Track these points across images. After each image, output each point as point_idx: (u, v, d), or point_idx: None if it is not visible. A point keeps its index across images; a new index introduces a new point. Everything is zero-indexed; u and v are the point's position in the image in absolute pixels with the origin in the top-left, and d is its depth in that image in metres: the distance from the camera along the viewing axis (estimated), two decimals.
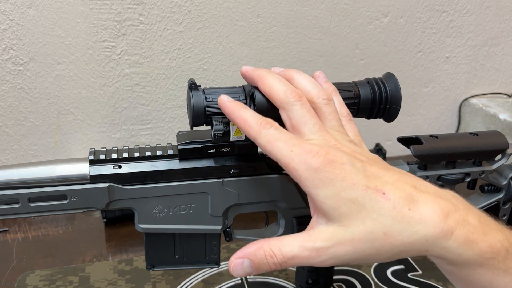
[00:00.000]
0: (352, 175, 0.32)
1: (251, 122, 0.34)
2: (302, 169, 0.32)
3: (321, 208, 0.32)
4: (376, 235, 0.31)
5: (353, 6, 0.87)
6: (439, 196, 0.32)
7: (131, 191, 0.41)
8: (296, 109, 0.35)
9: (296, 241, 0.33)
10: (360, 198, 0.31)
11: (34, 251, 0.67)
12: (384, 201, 0.31)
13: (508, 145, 0.52)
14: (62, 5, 0.74)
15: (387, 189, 0.32)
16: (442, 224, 0.31)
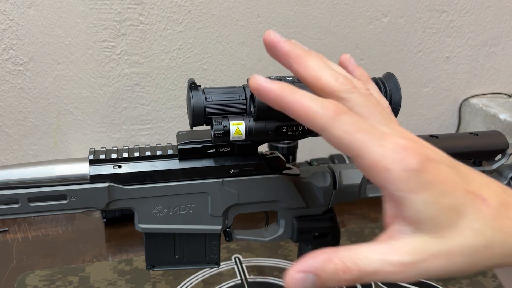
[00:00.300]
0: (450, 177, 0.27)
1: (316, 107, 0.27)
2: (398, 169, 0.26)
3: (413, 216, 0.27)
4: (475, 248, 0.27)
5: (353, 6, 0.87)
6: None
7: (131, 191, 0.41)
8: (355, 97, 0.29)
9: (375, 254, 0.27)
10: (460, 206, 0.27)
11: (34, 251, 0.67)
12: (486, 209, 0.27)
13: (508, 145, 0.52)
14: (62, 5, 0.74)
15: (486, 194, 0.27)
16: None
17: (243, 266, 0.64)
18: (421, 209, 0.26)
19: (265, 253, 0.66)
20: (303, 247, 0.51)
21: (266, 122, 0.39)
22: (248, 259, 0.65)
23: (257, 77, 0.29)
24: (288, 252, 0.66)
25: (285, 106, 0.28)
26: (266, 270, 0.63)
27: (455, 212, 0.27)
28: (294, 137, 0.41)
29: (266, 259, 0.65)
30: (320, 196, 0.47)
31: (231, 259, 0.65)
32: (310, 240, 0.49)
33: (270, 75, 0.41)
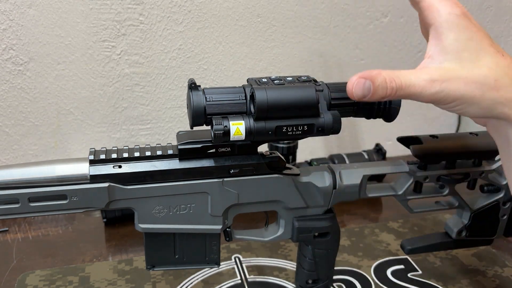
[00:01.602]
0: (481, 33, 0.37)
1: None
2: (445, 12, 0.36)
3: (446, 48, 0.37)
4: (488, 79, 0.35)
5: (353, 6, 0.87)
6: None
7: (131, 191, 0.41)
8: None
9: (412, 74, 0.36)
10: (483, 50, 0.36)
11: (34, 251, 0.67)
12: (502, 59, 0.36)
13: None
14: (62, 5, 0.74)
15: (506, 54, 0.37)
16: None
17: (243, 266, 0.64)
18: (452, 43, 0.36)
19: (265, 253, 0.66)
20: (303, 247, 0.51)
21: (266, 122, 0.39)
22: (248, 259, 0.65)
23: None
24: (288, 252, 0.66)
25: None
26: (266, 270, 0.63)
27: (478, 53, 0.36)
28: (294, 137, 0.41)
29: (266, 259, 0.65)
30: (320, 196, 0.47)
31: (231, 259, 0.65)
32: (310, 240, 0.49)
33: (270, 75, 0.42)
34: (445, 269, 0.63)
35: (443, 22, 0.37)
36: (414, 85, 0.36)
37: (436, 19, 0.37)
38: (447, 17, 0.36)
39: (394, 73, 0.36)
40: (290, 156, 0.75)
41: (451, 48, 0.36)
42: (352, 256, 0.66)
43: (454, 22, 0.36)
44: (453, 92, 0.35)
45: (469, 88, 0.35)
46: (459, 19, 0.36)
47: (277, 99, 0.38)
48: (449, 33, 0.36)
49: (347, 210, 0.78)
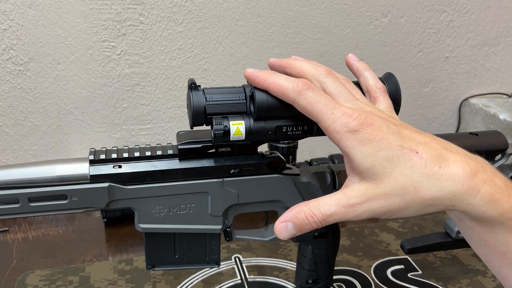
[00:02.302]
0: (388, 136, 0.34)
1: (287, 85, 0.36)
2: (343, 131, 0.34)
3: (357, 168, 0.35)
4: (407, 190, 0.34)
5: (353, 6, 0.87)
6: (468, 157, 0.35)
7: (131, 191, 0.41)
8: (329, 80, 0.38)
9: (332, 200, 0.36)
10: (395, 157, 0.34)
11: (34, 251, 0.67)
12: (417, 160, 0.33)
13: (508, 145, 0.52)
14: (62, 5, 0.74)
15: (420, 149, 0.34)
16: (470, 182, 0.33)
17: (243, 266, 0.64)
18: (361, 161, 0.34)
19: (265, 253, 0.66)
20: (303, 247, 0.51)
21: (266, 122, 0.39)
22: (248, 259, 0.65)
23: (249, 69, 0.39)
24: (288, 252, 0.66)
25: (267, 86, 0.37)
26: (266, 270, 0.63)
27: (390, 162, 0.34)
28: (294, 137, 0.41)
29: (266, 259, 0.65)
30: (320, 196, 0.47)
31: (231, 259, 0.65)
32: (310, 240, 0.49)
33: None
34: (445, 269, 0.63)
35: (345, 142, 0.34)
36: (336, 213, 0.35)
37: (337, 139, 0.35)
38: (346, 136, 0.34)
39: (314, 205, 0.36)
40: (290, 156, 0.75)
41: (362, 167, 0.34)
42: (352, 256, 0.66)
43: (355, 138, 0.34)
44: (376, 210, 0.35)
45: (391, 202, 0.34)
46: (359, 133, 0.34)
47: (277, 99, 0.38)
48: (354, 151, 0.34)
49: None
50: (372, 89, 0.41)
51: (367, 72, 0.42)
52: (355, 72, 0.43)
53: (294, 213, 0.36)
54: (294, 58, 0.41)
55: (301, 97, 0.35)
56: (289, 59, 0.40)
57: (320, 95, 0.35)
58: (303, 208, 0.36)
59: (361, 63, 0.43)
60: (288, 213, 0.37)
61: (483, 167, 0.34)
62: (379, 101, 0.40)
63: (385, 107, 0.40)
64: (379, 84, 0.41)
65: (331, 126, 0.34)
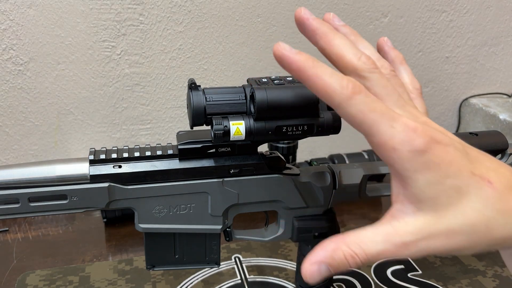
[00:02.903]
0: (457, 159, 0.28)
1: (334, 84, 0.28)
2: (404, 150, 0.27)
3: (416, 196, 0.28)
4: (477, 228, 0.28)
5: (353, 6, 0.87)
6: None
7: (131, 191, 0.41)
8: (375, 77, 0.30)
9: (379, 236, 0.29)
10: (464, 187, 0.28)
11: (34, 251, 0.67)
12: (490, 191, 0.28)
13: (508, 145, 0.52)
14: (62, 5, 0.74)
15: (493, 177, 0.28)
16: None
17: (243, 266, 0.64)
18: (423, 189, 0.28)
19: (265, 253, 0.66)
20: (303, 247, 0.51)
21: (266, 122, 0.39)
22: (248, 259, 0.65)
23: (281, 45, 0.29)
24: (288, 252, 0.66)
25: (306, 79, 0.28)
26: (266, 270, 0.63)
27: (458, 192, 0.28)
28: (294, 137, 0.41)
29: (266, 259, 0.65)
30: (320, 196, 0.47)
31: (231, 259, 0.65)
32: (310, 240, 0.49)
33: (270, 75, 0.42)
34: (445, 269, 0.63)
35: (405, 163, 0.27)
36: (383, 252, 0.28)
37: (394, 159, 0.28)
38: (408, 157, 0.27)
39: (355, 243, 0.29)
40: (290, 156, 0.75)
41: (423, 196, 0.28)
42: None
43: (419, 161, 0.27)
44: (434, 249, 0.29)
45: (454, 241, 0.28)
46: (425, 154, 0.27)
47: (277, 99, 0.38)
48: (416, 176, 0.28)
49: (347, 210, 0.78)
50: (408, 89, 0.35)
51: (403, 67, 0.36)
52: None
53: (330, 253, 0.29)
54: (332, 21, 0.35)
55: (351, 103, 0.27)
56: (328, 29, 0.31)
57: (375, 101, 0.28)
58: (340, 247, 0.29)
59: (397, 53, 0.36)
60: (322, 252, 0.29)
61: None
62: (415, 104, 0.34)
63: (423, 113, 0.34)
64: (417, 83, 0.36)
65: (389, 142, 0.27)
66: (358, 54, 0.30)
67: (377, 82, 0.30)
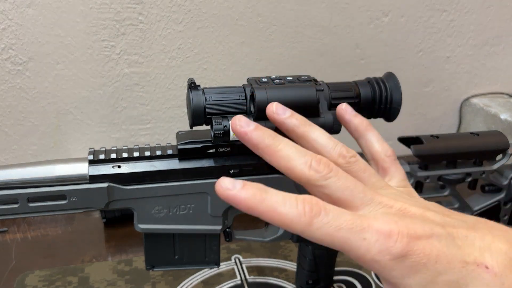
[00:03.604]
0: (444, 250, 0.26)
1: (290, 214, 0.26)
2: (385, 260, 0.25)
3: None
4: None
5: (354, 6, 0.87)
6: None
7: (131, 191, 0.41)
8: (333, 182, 0.28)
9: None
10: (461, 279, 0.25)
11: (33, 252, 0.67)
12: (490, 277, 0.25)
13: (509, 145, 0.52)
14: (61, 5, 0.73)
15: (488, 260, 0.26)
16: None
17: (243, 267, 0.63)
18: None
19: (265, 253, 0.66)
20: (303, 247, 0.51)
21: (266, 122, 0.39)
22: (248, 259, 0.65)
23: (222, 183, 0.27)
24: (288, 252, 0.66)
25: (260, 216, 0.26)
26: (266, 270, 0.63)
27: (457, 287, 0.25)
28: None
29: (266, 259, 0.65)
30: None
31: (231, 260, 0.65)
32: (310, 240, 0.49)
33: (270, 75, 0.41)
34: None
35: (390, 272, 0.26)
36: None
37: (381, 271, 0.26)
38: (392, 265, 0.25)
39: None
40: None
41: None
42: None
43: (404, 266, 0.25)
44: None
45: None
46: (408, 258, 0.25)
47: (277, 99, 0.38)
48: (407, 282, 0.26)
49: None
50: (380, 157, 0.34)
51: (369, 133, 0.35)
52: (353, 132, 0.36)
53: None
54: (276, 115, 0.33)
55: (313, 228, 0.26)
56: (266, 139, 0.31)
57: (337, 215, 0.26)
58: None
59: (360, 120, 0.35)
60: None
61: None
62: (390, 174, 0.33)
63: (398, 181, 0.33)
64: (388, 150, 0.34)
65: (367, 256, 0.26)
66: (307, 161, 0.29)
67: (336, 187, 0.28)
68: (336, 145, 0.32)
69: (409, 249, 0.25)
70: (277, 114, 0.33)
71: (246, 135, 0.31)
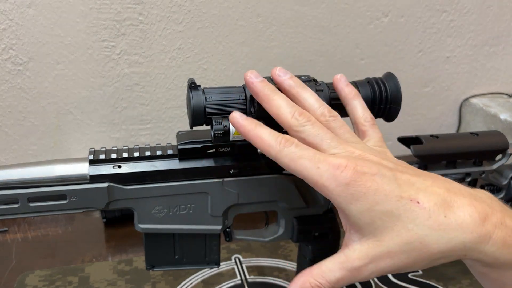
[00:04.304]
0: (384, 186, 0.31)
1: (270, 141, 0.34)
2: (332, 186, 0.31)
3: (355, 224, 0.32)
4: (412, 245, 0.31)
5: (353, 6, 0.87)
6: (474, 199, 0.32)
7: (131, 191, 0.41)
8: (308, 129, 0.35)
9: (335, 264, 0.33)
10: (394, 210, 0.31)
11: (33, 251, 0.67)
12: (419, 210, 0.30)
13: (508, 145, 0.52)
14: (61, 5, 0.74)
15: (421, 197, 0.31)
16: (480, 229, 0.30)
17: (243, 266, 0.63)
18: (358, 217, 0.31)
19: (265, 253, 0.66)
20: (303, 247, 0.51)
21: (266, 122, 0.39)
22: (248, 259, 0.65)
23: (234, 114, 0.36)
24: (288, 252, 0.66)
25: (250, 139, 0.35)
26: (266, 270, 0.63)
27: (390, 216, 0.31)
28: None
29: (266, 259, 0.65)
30: (320, 196, 0.46)
31: (231, 259, 0.65)
32: (310, 240, 0.49)
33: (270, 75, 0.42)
34: (446, 269, 0.63)
35: (337, 198, 0.31)
36: (342, 278, 0.32)
37: (329, 196, 0.32)
38: (337, 191, 0.31)
39: (318, 274, 0.32)
40: None
41: (360, 223, 0.31)
42: None
43: (347, 193, 0.31)
44: (383, 269, 0.32)
45: (397, 260, 0.31)
46: (351, 186, 0.30)
47: None
48: (349, 207, 0.31)
49: None
50: (360, 122, 0.39)
51: (355, 101, 0.39)
52: (343, 99, 0.40)
53: (300, 285, 0.33)
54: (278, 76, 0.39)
55: (283, 154, 0.33)
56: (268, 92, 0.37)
57: (304, 149, 0.33)
58: (308, 278, 0.33)
59: (350, 89, 0.40)
60: (293, 286, 0.33)
61: (491, 208, 0.31)
62: (368, 136, 0.38)
63: (375, 142, 0.37)
64: (368, 115, 0.39)
65: (319, 181, 0.31)
66: (292, 111, 0.35)
67: (309, 133, 0.34)
68: (321, 106, 0.37)
69: (352, 179, 0.31)
70: (278, 75, 0.39)
71: (252, 83, 0.37)
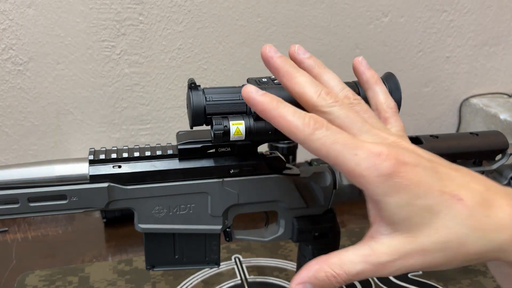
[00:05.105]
0: (426, 179, 0.29)
1: (296, 122, 0.30)
2: (372, 176, 0.28)
3: (389, 217, 0.30)
4: (449, 245, 0.29)
5: (353, 6, 0.87)
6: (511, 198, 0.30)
7: (131, 191, 0.41)
8: (336, 110, 0.31)
9: (358, 256, 0.30)
10: (435, 206, 0.29)
11: (33, 251, 0.67)
12: (461, 208, 0.29)
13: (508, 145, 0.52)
14: (61, 5, 0.74)
15: (463, 193, 0.29)
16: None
17: (243, 266, 0.63)
18: (395, 211, 0.29)
19: (265, 253, 0.66)
20: (303, 247, 0.51)
21: (266, 122, 0.39)
22: (248, 259, 0.65)
23: (249, 87, 0.32)
24: (288, 252, 0.66)
25: (270, 119, 0.31)
26: (266, 270, 0.63)
27: (430, 212, 0.29)
28: None
29: (266, 259, 0.65)
30: (320, 196, 0.46)
31: (231, 259, 0.65)
32: (310, 240, 0.49)
33: (270, 75, 0.41)
34: (446, 270, 0.63)
35: (374, 188, 0.29)
36: (363, 272, 0.30)
37: (366, 186, 0.29)
38: (377, 181, 0.28)
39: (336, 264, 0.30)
40: (290, 156, 0.75)
41: (396, 218, 0.29)
42: None
43: (388, 185, 0.28)
44: (411, 267, 0.30)
45: (430, 259, 0.29)
46: (393, 178, 0.28)
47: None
48: (387, 200, 0.29)
49: (347, 210, 0.78)
50: (382, 108, 0.36)
51: (377, 86, 0.37)
52: (364, 83, 0.38)
53: (313, 273, 0.30)
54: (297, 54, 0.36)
55: (313, 138, 0.29)
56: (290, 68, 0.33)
57: (337, 132, 0.29)
58: (323, 267, 0.31)
59: (372, 73, 0.38)
60: (305, 273, 0.31)
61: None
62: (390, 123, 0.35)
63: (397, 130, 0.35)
64: (391, 102, 0.37)
65: (356, 169, 0.28)
66: (318, 90, 0.32)
67: (338, 114, 0.31)
68: (344, 88, 0.34)
69: (395, 170, 0.28)
70: (297, 53, 0.36)
71: (272, 58, 0.34)
